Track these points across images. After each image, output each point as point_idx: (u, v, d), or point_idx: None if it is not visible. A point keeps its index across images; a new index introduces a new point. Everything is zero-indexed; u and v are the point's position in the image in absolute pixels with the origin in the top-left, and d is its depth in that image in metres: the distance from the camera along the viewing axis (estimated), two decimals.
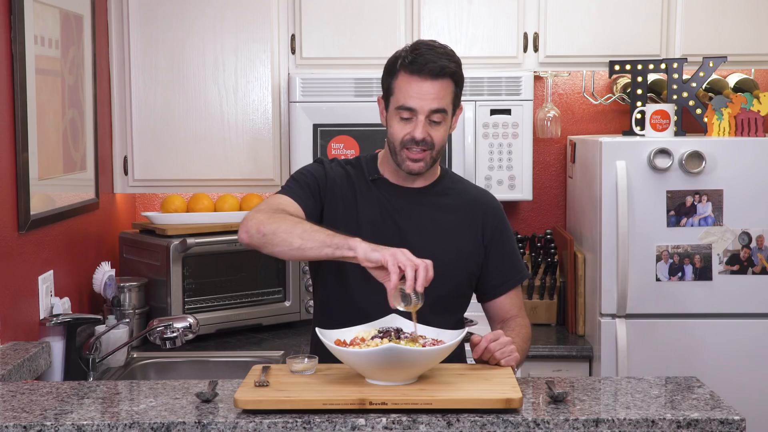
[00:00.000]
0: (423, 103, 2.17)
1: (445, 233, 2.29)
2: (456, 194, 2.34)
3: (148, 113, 3.55)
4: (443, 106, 2.19)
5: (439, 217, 2.30)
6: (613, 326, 3.22)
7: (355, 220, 2.27)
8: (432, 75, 2.16)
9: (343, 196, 2.29)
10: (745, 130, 3.28)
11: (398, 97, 2.20)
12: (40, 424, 1.88)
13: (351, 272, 2.22)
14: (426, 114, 2.18)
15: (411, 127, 2.19)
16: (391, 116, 2.23)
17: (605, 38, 3.55)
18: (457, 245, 2.29)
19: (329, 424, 1.88)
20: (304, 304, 3.57)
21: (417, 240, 2.24)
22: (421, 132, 2.18)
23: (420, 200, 2.30)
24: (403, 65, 2.20)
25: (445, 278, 2.20)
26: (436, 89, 2.17)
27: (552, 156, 3.94)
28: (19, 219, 2.67)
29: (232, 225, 3.52)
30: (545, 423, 1.88)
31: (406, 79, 2.19)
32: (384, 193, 2.30)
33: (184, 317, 2.76)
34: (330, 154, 3.45)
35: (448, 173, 2.40)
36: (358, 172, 2.33)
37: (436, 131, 2.20)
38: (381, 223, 2.27)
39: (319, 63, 3.54)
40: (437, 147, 2.22)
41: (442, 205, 2.31)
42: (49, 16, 2.90)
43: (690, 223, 3.19)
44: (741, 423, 1.90)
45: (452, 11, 3.54)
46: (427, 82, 2.17)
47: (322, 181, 2.30)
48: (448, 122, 2.23)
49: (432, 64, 2.17)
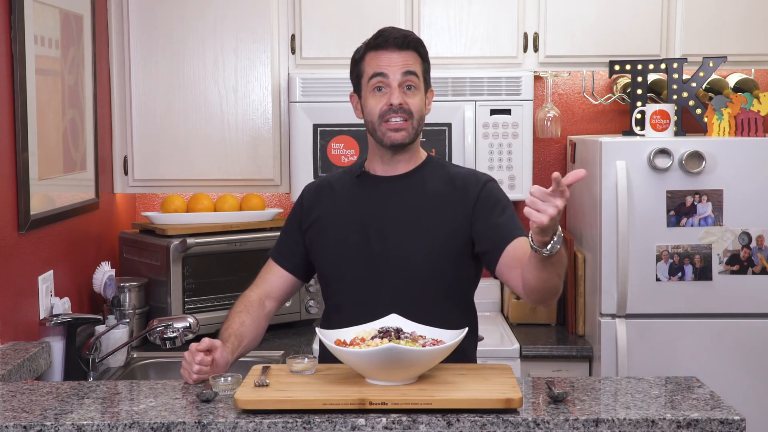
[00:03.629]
0: (393, 68, 2.24)
1: (427, 218, 2.28)
2: (439, 178, 2.33)
3: (148, 113, 3.55)
4: (414, 70, 2.25)
5: (420, 203, 2.30)
6: (613, 326, 3.22)
7: (335, 223, 2.33)
8: (397, 46, 2.25)
9: (322, 207, 2.37)
10: (745, 130, 3.28)
11: (368, 71, 2.27)
12: (40, 424, 1.88)
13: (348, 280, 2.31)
14: (398, 80, 2.24)
15: (386, 97, 2.25)
16: (366, 95, 2.28)
17: (605, 38, 3.55)
18: (440, 228, 2.27)
19: (329, 424, 1.88)
20: (304, 304, 3.57)
21: (395, 226, 2.28)
22: (397, 97, 2.24)
23: (401, 188, 2.31)
24: (367, 47, 2.29)
25: (431, 263, 2.26)
26: (404, 57, 2.25)
27: (552, 156, 3.94)
28: (19, 219, 2.67)
29: (232, 225, 3.53)
30: (545, 423, 1.88)
31: (373, 55, 2.28)
32: (365, 187, 2.34)
33: (184, 317, 2.75)
34: (330, 154, 3.45)
35: (433, 160, 2.39)
36: (347, 176, 2.40)
37: (411, 98, 2.25)
38: (360, 218, 2.30)
39: (319, 63, 3.54)
40: (416, 115, 2.26)
41: (423, 191, 2.30)
42: (49, 16, 2.90)
43: (690, 223, 3.19)
44: (741, 423, 1.90)
45: (452, 11, 3.54)
46: (394, 53, 2.25)
47: (297, 219, 2.42)
48: (422, 91, 2.28)
49: (394, 37, 2.25)
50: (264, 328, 2.40)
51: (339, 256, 2.32)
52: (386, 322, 2.12)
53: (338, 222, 2.33)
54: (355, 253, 2.29)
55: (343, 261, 2.31)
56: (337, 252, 2.32)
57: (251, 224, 3.57)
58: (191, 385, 2.12)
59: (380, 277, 2.27)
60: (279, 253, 2.44)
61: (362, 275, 2.28)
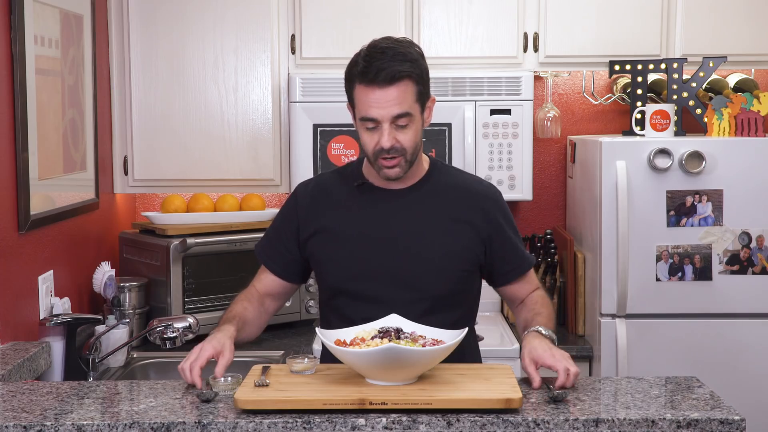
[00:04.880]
0: (383, 112, 2.11)
1: (435, 232, 2.23)
2: (447, 189, 2.28)
3: (148, 113, 3.55)
4: (405, 110, 2.11)
5: (428, 217, 2.24)
6: (613, 326, 3.22)
7: (339, 232, 2.25)
8: (387, 81, 2.09)
9: (321, 214, 2.28)
10: (745, 130, 3.28)
11: (360, 109, 2.15)
12: (40, 424, 1.88)
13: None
14: (389, 121, 2.12)
15: (378, 136, 2.14)
16: (359, 126, 2.19)
17: (605, 38, 3.55)
18: (449, 243, 2.23)
19: (329, 424, 1.88)
20: (304, 304, 3.57)
21: (405, 243, 2.22)
22: (388, 140, 2.12)
23: (406, 201, 2.25)
24: (356, 75, 2.14)
25: (437, 277, 2.21)
26: (394, 95, 2.10)
27: (552, 156, 3.94)
28: (19, 219, 2.67)
29: (232, 225, 3.53)
30: (545, 423, 1.88)
31: (362, 90, 2.13)
32: (369, 198, 2.27)
33: (184, 317, 2.75)
34: (330, 154, 3.45)
35: (437, 167, 2.31)
36: (343, 180, 2.32)
37: (404, 135, 2.14)
38: (369, 230, 2.24)
39: (319, 63, 3.54)
40: (409, 150, 2.16)
41: (430, 204, 2.25)
42: (49, 16, 2.90)
43: (690, 223, 3.19)
44: (741, 423, 1.90)
45: (452, 11, 3.54)
46: (383, 90, 2.10)
47: (292, 217, 2.33)
48: (417, 122, 2.16)
49: (384, 72, 2.09)
50: (265, 322, 2.38)
51: (346, 270, 2.24)
52: (386, 322, 2.12)
53: (342, 235, 2.25)
54: (363, 268, 2.23)
55: (351, 276, 2.24)
56: (344, 266, 2.24)
57: (251, 224, 3.56)
58: (189, 382, 2.10)
59: (390, 292, 2.21)
60: (269, 257, 2.36)
61: (371, 289, 2.22)
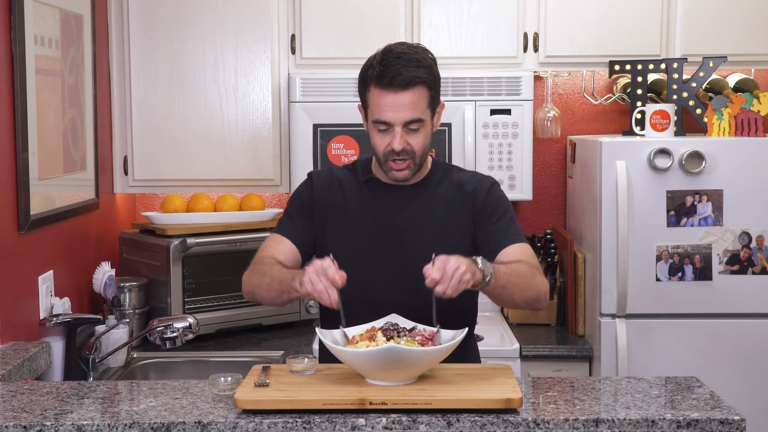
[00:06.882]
0: (397, 116, 2.17)
1: (437, 226, 2.29)
2: (448, 184, 2.34)
3: (148, 113, 3.55)
4: (418, 116, 2.18)
5: (431, 212, 2.31)
6: (613, 326, 3.22)
7: (348, 224, 2.31)
8: (402, 86, 2.15)
9: (333, 203, 2.33)
10: (745, 130, 3.28)
11: (373, 111, 2.21)
12: (40, 424, 1.88)
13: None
14: (402, 125, 2.18)
15: (389, 138, 2.20)
16: (370, 128, 2.25)
17: (605, 38, 3.55)
18: (449, 236, 2.29)
19: (329, 424, 1.88)
20: (304, 304, 3.57)
21: (410, 237, 2.28)
22: (399, 143, 2.19)
23: (412, 197, 2.32)
24: (372, 78, 2.19)
25: None
26: (409, 99, 2.16)
27: (552, 156, 3.94)
28: (19, 219, 2.67)
29: (232, 225, 3.53)
30: (545, 423, 1.88)
31: (377, 93, 2.18)
32: (376, 193, 2.33)
33: (184, 317, 2.75)
34: (330, 154, 3.45)
35: (439, 165, 2.39)
36: (353, 175, 2.37)
37: (414, 138, 2.21)
38: (375, 224, 2.30)
39: (319, 63, 3.54)
40: (418, 154, 2.23)
41: (434, 199, 2.32)
42: (49, 16, 2.90)
43: (690, 223, 3.19)
44: (741, 423, 1.90)
45: (452, 11, 3.54)
46: (398, 94, 2.16)
47: (308, 199, 2.36)
48: (427, 127, 2.23)
49: (400, 76, 2.15)
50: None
51: (351, 260, 2.24)
52: (386, 322, 2.12)
53: (349, 225, 2.31)
54: (366, 257, 2.27)
55: (356, 267, 2.23)
56: (350, 256, 2.26)
57: (251, 224, 3.57)
58: (336, 308, 2.02)
59: (394, 284, 2.26)
60: (289, 229, 2.35)
61: (375, 281, 2.26)
